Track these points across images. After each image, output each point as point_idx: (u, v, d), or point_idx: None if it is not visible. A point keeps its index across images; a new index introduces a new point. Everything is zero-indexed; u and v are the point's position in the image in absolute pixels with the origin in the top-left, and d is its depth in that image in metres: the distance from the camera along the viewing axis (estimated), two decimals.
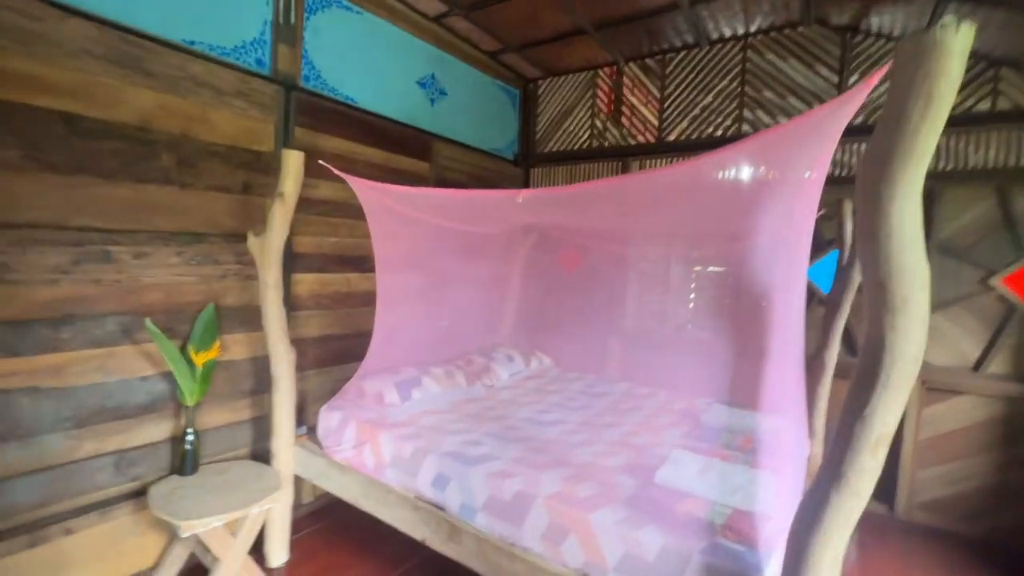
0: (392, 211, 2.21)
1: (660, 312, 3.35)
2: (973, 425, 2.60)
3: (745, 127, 3.12)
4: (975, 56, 2.50)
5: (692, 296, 3.21)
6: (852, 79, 2.81)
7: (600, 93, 3.66)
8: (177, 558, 2.00)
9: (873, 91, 2.58)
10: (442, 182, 3.24)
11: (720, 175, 1.29)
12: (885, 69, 0.89)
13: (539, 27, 3.10)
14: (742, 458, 1.78)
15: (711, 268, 3.15)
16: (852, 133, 2.85)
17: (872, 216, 0.84)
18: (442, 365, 2.61)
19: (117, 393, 1.88)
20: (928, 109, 0.74)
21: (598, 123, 3.67)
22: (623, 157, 3.58)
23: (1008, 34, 2.25)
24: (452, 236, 2.72)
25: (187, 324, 2.05)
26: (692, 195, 1.53)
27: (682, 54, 3.35)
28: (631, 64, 3.50)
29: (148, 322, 1.84)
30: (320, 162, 2.13)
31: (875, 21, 2.63)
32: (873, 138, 0.81)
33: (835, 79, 2.87)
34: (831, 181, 2.93)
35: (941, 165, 2.63)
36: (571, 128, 3.82)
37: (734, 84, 3.16)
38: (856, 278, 2.31)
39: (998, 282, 2.52)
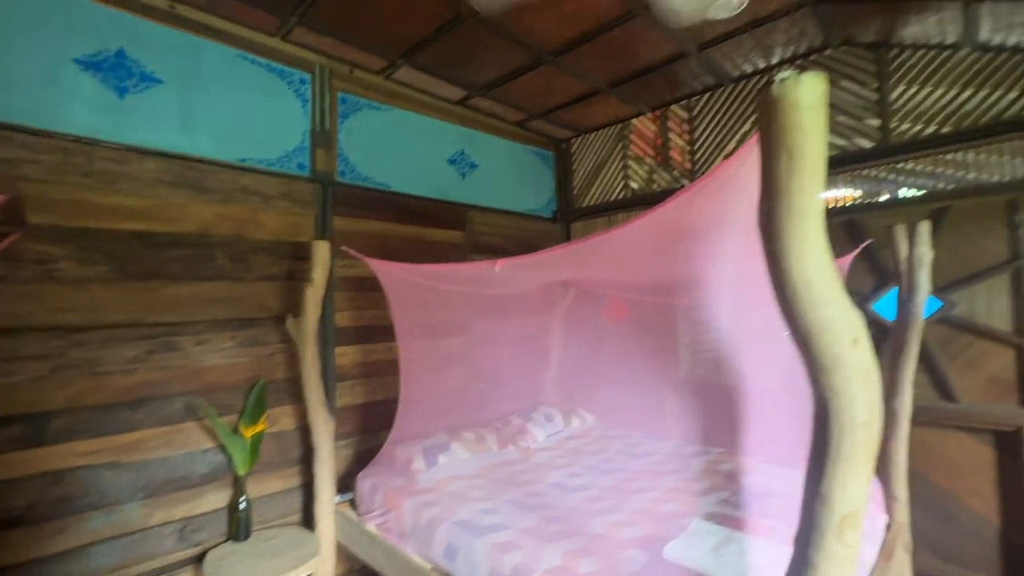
0: (415, 283, 2.37)
1: (715, 362, 3.13)
2: None
3: None
4: None
5: (748, 344, 2.97)
6: (895, 88, 2.59)
7: (637, 141, 3.69)
8: None
9: None
10: (478, 247, 3.40)
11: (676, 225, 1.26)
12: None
13: (557, 94, 3.26)
14: (779, 529, 1.58)
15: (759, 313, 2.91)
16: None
17: (775, 276, 0.78)
18: (475, 428, 2.65)
19: (182, 465, 2.14)
20: (792, 164, 0.70)
21: (641, 171, 3.66)
22: (658, 202, 3.52)
23: None
24: (482, 299, 2.83)
25: (241, 399, 2.31)
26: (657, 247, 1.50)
27: (707, 96, 3.31)
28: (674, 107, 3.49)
29: (202, 402, 2.11)
30: (342, 248, 2.37)
31: (906, 34, 2.43)
32: (760, 193, 0.78)
33: (875, 97, 2.66)
34: (875, 207, 2.66)
35: (1014, 176, 2.28)
36: (606, 180, 3.86)
37: None
38: (918, 314, 2.03)
39: None
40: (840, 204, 2.79)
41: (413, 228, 3.04)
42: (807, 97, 0.67)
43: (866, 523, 1.79)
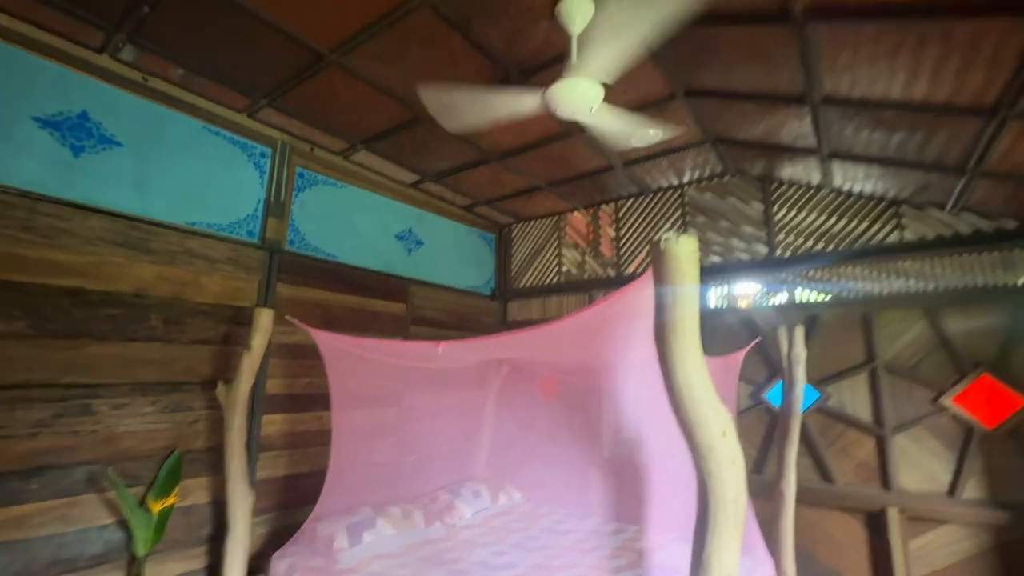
0: (355, 354, 2.43)
1: (632, 442, 3.34)
2: (965, 560, 2.43)
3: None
4: (876, 198, 2.83)
5: (656, 428, 3.23)
6: (777, 212, 3.15)
7: (571, 231, 4.09)
8: None
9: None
10: (418, 320, 3.52)
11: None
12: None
13: (502, 186, 3.61)
14: None
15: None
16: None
17: (667, 379, 1.00)
18: (403, 504, 2.62)
19: (72, 544, 1.95)
20: (676, 299, 0.95)
21: (576, 256, 4.02)
22: (588, 290, 3.88)
23: (896, 179, 2.58)
24: (420, 372, 2.91)
25: (154, 470, 2.18)
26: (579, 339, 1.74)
27: (631, 200, 3.81)
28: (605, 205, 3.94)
29: (110, 471, 1.98)
30: (287, 317, 2.42)
31: (784, 172, 3.03)
32: (655, 317, 1.02)
33: (762, 216, 3.21)
34: (765, 310, 3.12)
35: (868, 293, 2.82)
36: (542, 264, 4.20)
37: (677, 224, 3.54)
38: (797, 403, 2.38)
39: (949, 401, 2.55)
40: (740, 304, 3.25)
41: (356, 298, 3.13)
42: (684, 252, 0.93)
43: None
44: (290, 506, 2.65)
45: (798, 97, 2.10)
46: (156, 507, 2.06)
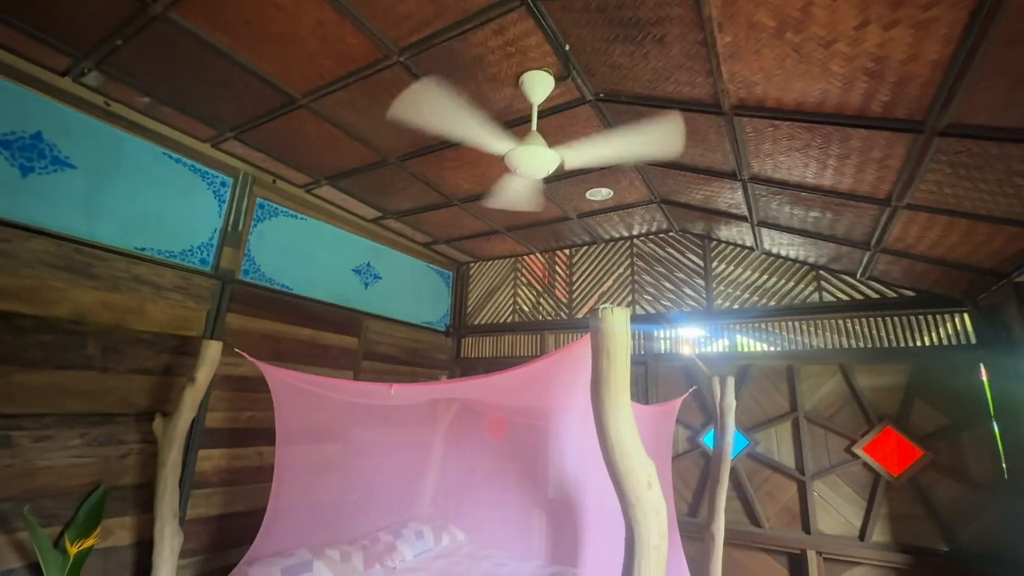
0: (303, 389, 2.41)
1: (574, 484, 3.42)
2: None
3: (638, 308, 3.63)
4: (800, 262, 3.15)
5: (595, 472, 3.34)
6: (716, 266, 3.42)
7: (527, 273, 4.23)
8: None
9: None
10: (370, 354, 3.51)
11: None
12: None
13: (461, 227, 3.73)
14: None
15: None
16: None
17: (601, 432, 1.11)
18: (341, 546, 2.56)
19: None
20: (610, 361, 1.07)
21: (531, 296, 4.15)
22: (541, 330, 4.01)
23: (814, 248, 2.89)
24: (370, 407, 2.89)
25: (72, 509, 2.05)
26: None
27: (584, 248, 4.02)
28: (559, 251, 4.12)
29: (26, 510, 1.86)
30: (236, 349, 2.38)
31: (720, 234, 3.32)
32: (591, 377, 1.13)
33: (702, 271, 3.48)
34: (702, 358, 3.35)
35: (793, 346, 3.10)
36: (498, 303, 4.30)
37: (626, 272, 3.76)
38: (728, 450, 2.55)
39: (860, 450, 2.80)
40: (683, 350, 3.46)
41: (308, 330, 3.10)
42: (618, 323, 1.06)
43: None
44: (221, 547, 2.52)
45: (731, 173, 2.36)
46: (73, 549, 1.93)
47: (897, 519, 2.67)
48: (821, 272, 3.11)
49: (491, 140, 1.88)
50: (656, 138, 1.88)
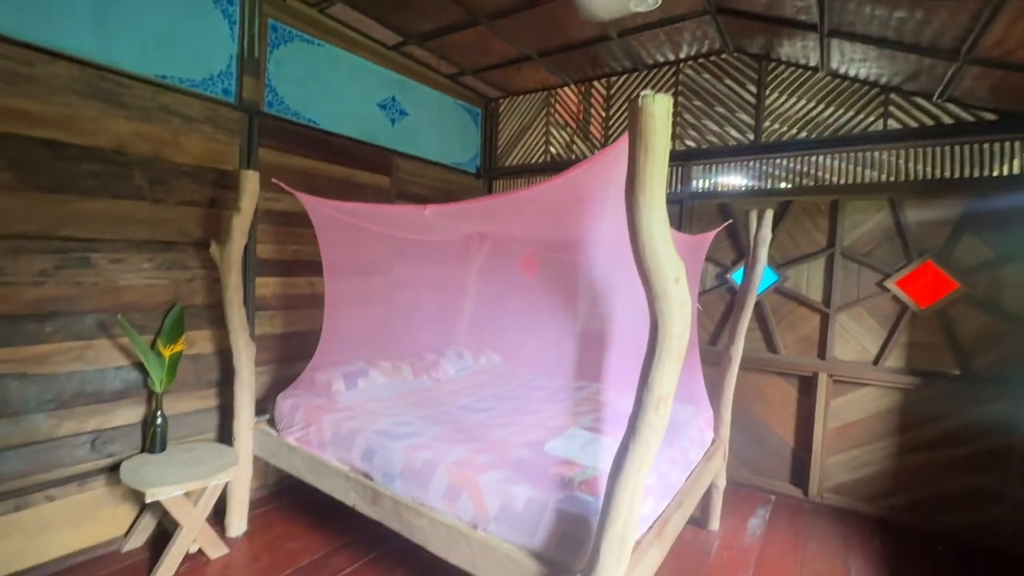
0: (342, 222, 2.50)
1: (603, 317, 3.62)
2: (874, 415, 2.87)
3: (677, 145, 3.42)
4: (869, 83, 2.80)
5: (622, 300, 3.49)
6: (769, 96, 3.11)
7: (561, 110, 3.97)
8: (146, 526, 2.28)
9: None
10: (403, 194, 3.54)
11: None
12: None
13: (489, 54, 3.41)
14: None
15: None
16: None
17: (632, 230, 1.12)
18: (392, 360, 2.90)
19: (94, 380, 2.17)
20: (647, 154, 1.03)
21: (562, 137, 3.96)
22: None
23: (890, 63, 2.54)
24: (406, 242, 3.01)
25: (158, 321, 2.34)
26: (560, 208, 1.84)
27: (624, 77, 3.66)
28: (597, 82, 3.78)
29: (120, 317, 2.13)
30: (273, 180, 2.43)
31: (782, 52, 2.93)
32: (627, 173, 1.10)
33: (752, 103, 3.17)
34: (742, 195, 3.22)
35: (842, 180, 2.92)
36: (529, 143, 4.13)
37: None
38: (756, 281, 2.59)
39: (892, 284, 2.80)
40: (719, 187, 3.33)
41: (341, 169, 3.11)
42: (659, 109, 0.99)
43: (696, 435, 2.35)
44: (287, 360, 2.90)
45: None
46: (166, 352, 2.26)
47: (914, 347, 2.77)
48: (891, 96, 2.77)
49: None
50: None
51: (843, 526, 2.77)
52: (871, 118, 2.83)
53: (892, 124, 2.78)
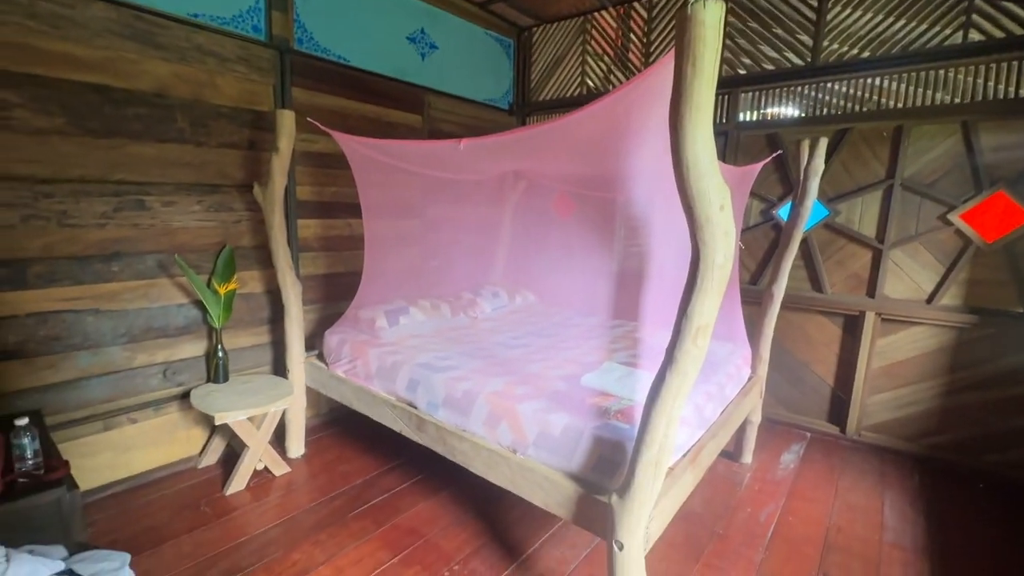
0: (378, 162, 2.50)
1: (640, 256, 3.56)
2: (923, 354, 2.77)
3: (726, 71, 3.18)
4: None
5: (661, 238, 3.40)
6: (831, 10, 2.81)
7: (598, 37, 3.73)
8: (217, 447, 2.52)
9: None
10: (435, 133, 3.48)
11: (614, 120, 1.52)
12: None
13: None
14: None
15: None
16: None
17: (676, 153, 1.07)
18: (430, 299, 2.97)
19: (160, 316, 2.34)
20: (695, 67, 0.96)
21: (600, 66, 3.75)
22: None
23: None
24: (441, 183, 3.00)
25: (210, 262, 2.47)
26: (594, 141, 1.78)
27: None
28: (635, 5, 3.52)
29: (177, 257, 2.26)
30: (308, 119, 2.43)
31: None
32: (672, 92, 1.04)
33: (811, 19, 2.88)
34: (794, 123, 3.00)
35: (909, 103, 2.67)
36: (564, 75, 3.93)
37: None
38: (805, 216, 2.46)
39: (956, 217, 2.61)
40: (768, 117, 3.12)
41: (373, 107, 3.07)
42: (710, 17, 0.92)
43: (733, 372, 2.35)
44: (332, 299, 3.03)
45: None
46: (221, 290, 2.39)
47: (974, 284, 2.61)
48: (975, 3, 2.45)
49: None
50: None
51: (880, 463, 2.77)
52: (948, 30, 2.53)
53: (973, 36, 2.48)
